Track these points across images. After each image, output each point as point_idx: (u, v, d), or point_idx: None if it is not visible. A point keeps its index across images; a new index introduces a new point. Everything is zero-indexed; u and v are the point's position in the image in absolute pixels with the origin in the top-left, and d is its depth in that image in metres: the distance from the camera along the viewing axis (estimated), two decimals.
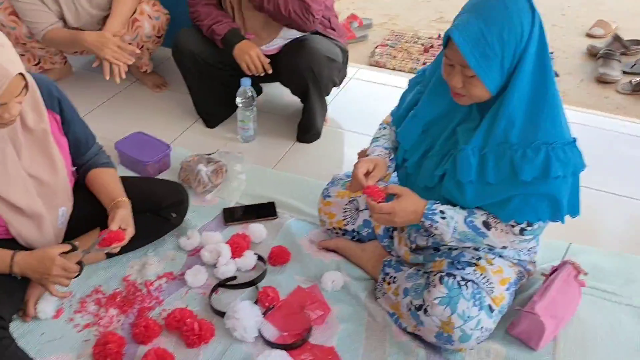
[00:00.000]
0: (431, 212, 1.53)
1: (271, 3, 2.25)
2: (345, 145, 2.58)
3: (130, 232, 1.68)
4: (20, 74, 1.44)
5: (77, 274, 1.61)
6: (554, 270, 1.78)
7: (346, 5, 4.13)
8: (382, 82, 3.04)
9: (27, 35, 2.56)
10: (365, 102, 2.83)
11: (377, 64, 3.32)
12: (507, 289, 1.62)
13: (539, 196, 1.45)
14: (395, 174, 1.78)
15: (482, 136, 1.46)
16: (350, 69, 3.08)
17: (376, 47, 3.45)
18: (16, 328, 1.66)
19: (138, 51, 2.48)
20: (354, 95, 2.89)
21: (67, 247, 1.61)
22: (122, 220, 1.67)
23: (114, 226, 1.64)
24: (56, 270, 1.56)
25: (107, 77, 2.38)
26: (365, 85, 2.99)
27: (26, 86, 1.49)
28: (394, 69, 3.29)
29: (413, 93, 1.69)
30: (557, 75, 2.54)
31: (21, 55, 2.45)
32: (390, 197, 1.57)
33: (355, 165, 1.61)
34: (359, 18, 3.67)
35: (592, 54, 3.44)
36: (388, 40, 3.57)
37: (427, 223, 1.54)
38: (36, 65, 2.77)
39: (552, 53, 2.80)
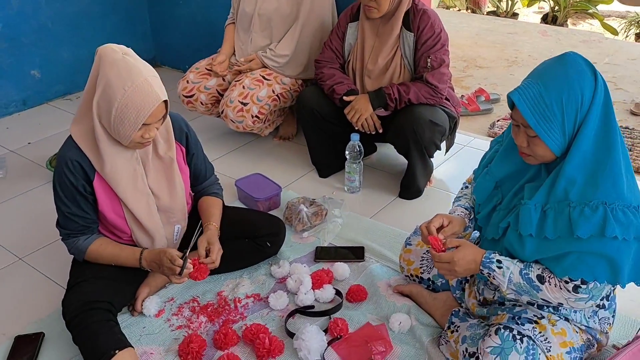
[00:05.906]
0: (488, 260, 1.61)
1: (402, 102, 2.49)
2: (445, 206, 2.64)
3: (216, 249, 1.92)
4: (164, 102, 1.75)
5: (180, 269, 1.80)
6: (629, 344, 1.73)
7: (479, 80, 4.27)
8: None
9: None
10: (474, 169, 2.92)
11: (495, 136, 3.37)
12: (568, 353, 1.61)
13: (596, 255, 1.47)
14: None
15: (544, 193, 1.54)
16: (467, 138, 3.23)
17: (497, 120, 3.52)
18: (125, 319, 1.97)
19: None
20: (464, 162, 3.00)
21: (180, 254, 1.83)
22: (208, 242, 1.92)
23: (200, 252, 1.89)
24: (166, 262, 1.80)
25: None
26: (478, 154, 3.03)
27: (165, 116, 1.81)
28: None
29: (491, 152, 1.81)
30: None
31: None
32: (451, 249, 1.68)
33: (430, 220, 1.75)
34: (486, 92, 3.78)
35: None
36: None
37: (485, 272, 1.62)
38: None
39: None
